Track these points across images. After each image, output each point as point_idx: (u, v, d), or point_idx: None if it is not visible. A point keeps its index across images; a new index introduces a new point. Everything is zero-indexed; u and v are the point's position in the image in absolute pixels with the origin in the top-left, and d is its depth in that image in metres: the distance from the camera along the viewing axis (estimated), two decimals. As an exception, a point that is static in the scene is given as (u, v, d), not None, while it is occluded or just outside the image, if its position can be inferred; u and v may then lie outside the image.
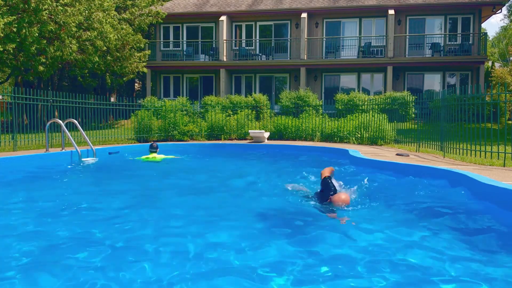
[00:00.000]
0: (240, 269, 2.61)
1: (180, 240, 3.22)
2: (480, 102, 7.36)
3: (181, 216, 4.08)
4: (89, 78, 22.04)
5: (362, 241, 3.18)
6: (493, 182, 4.17)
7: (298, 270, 2.57)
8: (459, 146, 7.77)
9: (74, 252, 2.91)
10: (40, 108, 12.42)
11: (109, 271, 2.57)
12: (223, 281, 2.41)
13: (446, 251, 2.94)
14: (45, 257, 2.85)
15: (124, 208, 4.42)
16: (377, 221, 3.78)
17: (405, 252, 2.92)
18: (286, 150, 11.11)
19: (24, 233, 3.44)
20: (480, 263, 2.71)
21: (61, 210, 4.32)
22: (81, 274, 2.52)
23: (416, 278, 2.48)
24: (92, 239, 3.26)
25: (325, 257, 2.85)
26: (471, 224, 3.69)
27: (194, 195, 5.23)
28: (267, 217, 3.98)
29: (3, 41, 13.85)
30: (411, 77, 22.29)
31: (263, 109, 15.79)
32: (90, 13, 16.70)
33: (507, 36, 41.94)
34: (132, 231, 3.50)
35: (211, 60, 23.36)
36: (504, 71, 23.46)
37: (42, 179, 6.62)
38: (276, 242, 3.13)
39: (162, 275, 2.51)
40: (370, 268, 2.62)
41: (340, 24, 22.76)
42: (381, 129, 12.02)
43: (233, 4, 23.68)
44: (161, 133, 13.61)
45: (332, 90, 22.09)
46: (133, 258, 2.81)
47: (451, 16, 21.83)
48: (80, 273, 2.54)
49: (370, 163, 7.10)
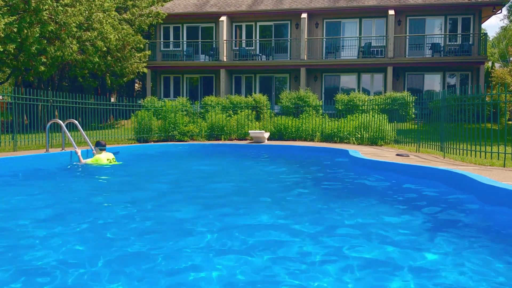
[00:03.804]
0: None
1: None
2: (480, 102, 7.37)
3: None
4: (89, 78, 22.03)
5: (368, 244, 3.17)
6: (493, 183, 4.17)
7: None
8: (459, 146, 7.77)
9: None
10: (40, 109, 12.42)
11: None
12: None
13: (445, 251, 2.94)
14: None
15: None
16: (375, 220, 3.78)
17: (404, 252, 2.92)
18: (287, 151, 11.12)
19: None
20: (480, 263, 2.71)
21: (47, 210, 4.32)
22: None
23: (415, 280, 2.48)
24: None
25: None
26: (471, 224, 3.70)
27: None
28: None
29: (4, 41, 13.85)
30: (411, 77, 22.29)
31: (263, 109, 15.80)
32: (91, 13, 16.71)
33: (507, 37, 41.94)
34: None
35: (211, 60, 23.37)
36: (504, 71, 23.47)
37: (41, 180, 6.63)
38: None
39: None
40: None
41: (340, 24, 22.77)
42: (381, 129, 12.02)
43: (233, 4, 23.69)
44: (161, 133, 13.61)
45: (332, 90, 22.09)
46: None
47: (451, 17, 21.83)
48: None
49: (370, 164, 7.10)
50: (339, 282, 2.42)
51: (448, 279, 2.47)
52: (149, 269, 2.60)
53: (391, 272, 2.57)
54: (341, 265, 2.67)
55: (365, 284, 2.42)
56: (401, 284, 2.39)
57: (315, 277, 2.48)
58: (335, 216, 4.06)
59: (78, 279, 2.44)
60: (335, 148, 10.36)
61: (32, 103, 10.57)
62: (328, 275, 2.51)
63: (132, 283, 2.41)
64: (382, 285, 2.39)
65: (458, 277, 2.51)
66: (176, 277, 2.52)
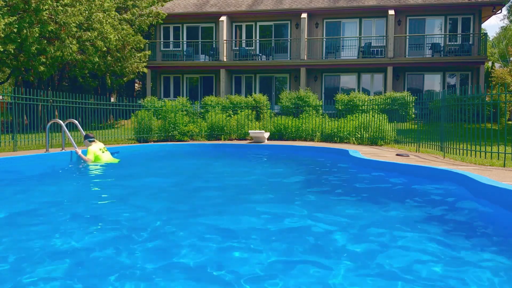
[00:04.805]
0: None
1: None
2: (480, 102, 7.37)
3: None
4: (89, 78, 22.05)
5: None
6: (493, 183, 4.17)
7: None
8: (459, 146, 7.78)
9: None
10: (40, 109, 12.43)
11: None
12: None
13: (444, 250, 2.94)
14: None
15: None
16: (373, 220, 3.78)
17: (402, 252, 2.92)
18: (287, 151, 11.12)
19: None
20: (480, 263, 2.71)
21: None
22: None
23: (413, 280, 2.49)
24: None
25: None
26: (470, 224, 3.70)
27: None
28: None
29: (4, 41, 13.86)
30: (411, 77, 22.30)
31: (263, 109, 15.80)
32: (91, 13, 16.72)
33: (507, 37, 41.99)
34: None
35: (211, 60, 23.38)
36: (504, 71, 23.51)
37: (40, 180, 6.63)
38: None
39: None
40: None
41: (340, 25, 22.78)
42: (381, 129, 12.02)
43: (233, 4, 23.70)
44: (161, 133, 13.61)
45: (332, 90, 22.10)
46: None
47: (451, 17, 21.84)
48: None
49: (370, 164, 7.11)
50: (332, 278, 2.43)
51: (447, 278, 2.47)
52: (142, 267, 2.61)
53: (391, 272, 2.57)
54: (342, 264, 2.68)
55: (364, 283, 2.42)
56: (401, 284, 2.39)
57: (299, 271, 2.48)
58: (333, 217, 4.05)
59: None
60: (335, 148, 10.36)
61: (32, 103, 10.56)
62: (328, 274, 2.51)
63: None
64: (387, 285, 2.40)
65: (456, 278, 2.51)
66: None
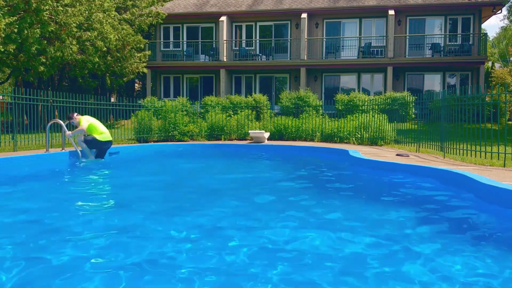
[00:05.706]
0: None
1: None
2: (480, 102, 7.37)
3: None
4: (89, 78, 22.04)
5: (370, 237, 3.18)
6: (493, 183, 4.17)
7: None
8: (459, 146, 7.78)
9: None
10: (40, 109, 12.42)
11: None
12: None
13: (444, 250, 2.94)
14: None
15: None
16: (373, 220, 3.78)
17: (401, 253, 2.93)
18: (287, 151, 11.12)
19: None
20: (479, 263, 2.71)
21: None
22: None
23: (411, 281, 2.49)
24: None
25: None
26: (470, 224, 3.70)
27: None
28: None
29: (4, 41, 13.85)
30: (411, 77, 22.30)
31: (263, 109, 15.81)
32: (91, 13, 16.71)
33: (507, 37, 41.98)
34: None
35: (211, 60, 23.38)
36: (504, 71, 23.51)
37: (40, 180, 6.63)
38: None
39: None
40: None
41: (340, 25, 22.78)
42: (381, 129, 12.03)
43: (233, 4, 23.70)
44: (161, 133, 13.61)
45: (332, 91, 22.10)
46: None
47: (451, 17, 21.84)
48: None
49: (370, 164, 7.11)
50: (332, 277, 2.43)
51: (447, 276, 2.47)
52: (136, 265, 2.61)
53: (392, 272, 2.57)
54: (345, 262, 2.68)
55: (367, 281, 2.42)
56: (402, 284, 2.40)
57: (294, 272, 2.48)
58: (332, 216, 4.06)
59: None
60: (335, 148, 10.36)
61: (32, 103, 10.56)
62: (327, 271, 2.51)
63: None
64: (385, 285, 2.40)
65: (456, 278, 2.51)
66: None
